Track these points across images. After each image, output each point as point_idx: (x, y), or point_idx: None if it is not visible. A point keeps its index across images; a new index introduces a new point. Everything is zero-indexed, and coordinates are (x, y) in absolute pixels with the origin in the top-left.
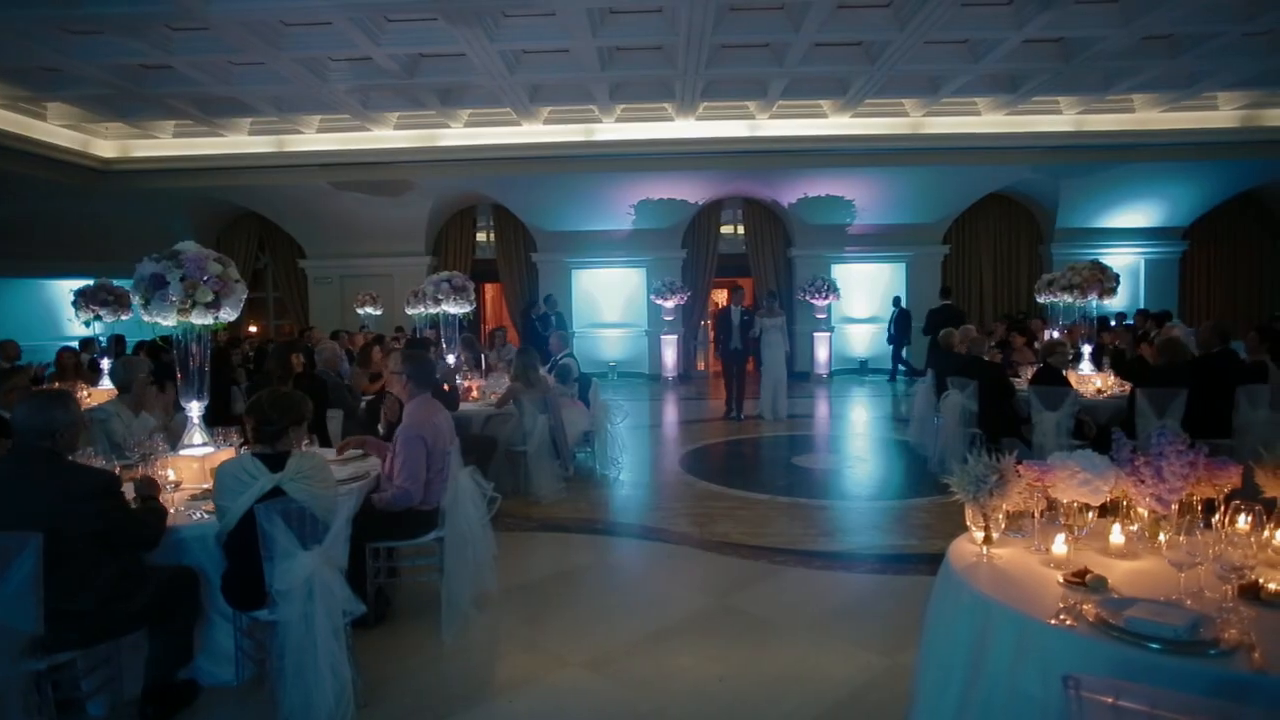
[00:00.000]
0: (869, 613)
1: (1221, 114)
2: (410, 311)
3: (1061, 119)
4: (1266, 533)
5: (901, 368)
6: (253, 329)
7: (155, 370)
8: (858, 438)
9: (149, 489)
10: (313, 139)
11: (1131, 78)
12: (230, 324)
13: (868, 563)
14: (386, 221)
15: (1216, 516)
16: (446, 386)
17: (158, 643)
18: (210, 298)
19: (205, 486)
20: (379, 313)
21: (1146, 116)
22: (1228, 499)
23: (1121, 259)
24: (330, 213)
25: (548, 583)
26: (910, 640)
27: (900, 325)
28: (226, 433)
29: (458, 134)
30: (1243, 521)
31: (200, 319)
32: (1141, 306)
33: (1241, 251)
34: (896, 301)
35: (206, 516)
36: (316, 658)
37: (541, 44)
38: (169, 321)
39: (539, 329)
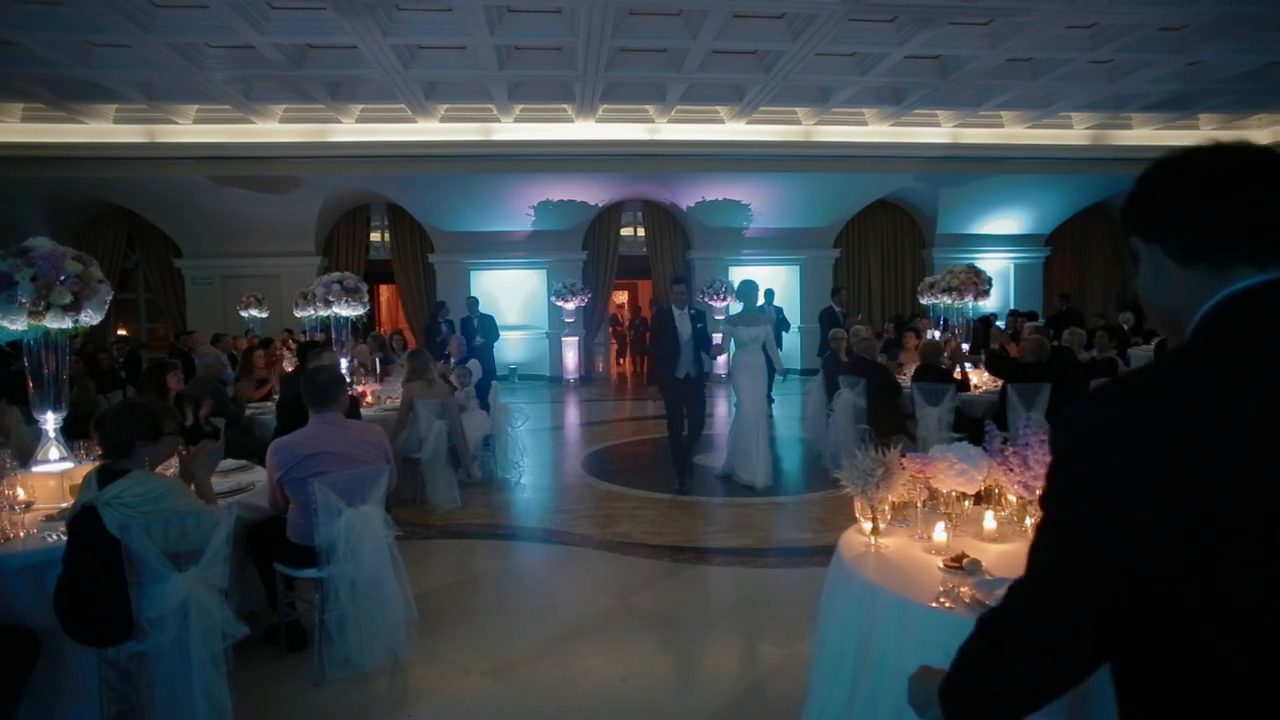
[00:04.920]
0: (766, 606)
1: (1075, 132)
2: (299, 314)
3: (939, 131)
4: None
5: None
6: (122, 332)
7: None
8: None
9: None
10: (189, 130)
11: (999, 95)
12: (94, 327)
13: (765, 557)
14: (273, 220)
15: None
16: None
17: None
18: (69, 299)
19: (63, 505)
20: (265, 315)
21: (1013, 132)
22: None
23: (994, 263)
24: (210, 209)
25: (447, 591)
26: (806, 631)
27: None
28: (90, 445)
29: (349, 129)
30: None
31: (56, 322)
32: (1012, 308)
33: (1091, 257)
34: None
35: (63, 539)
36: (190, 687)
37: (437, 39)
38: (17, 325)
39: (450, 332)
